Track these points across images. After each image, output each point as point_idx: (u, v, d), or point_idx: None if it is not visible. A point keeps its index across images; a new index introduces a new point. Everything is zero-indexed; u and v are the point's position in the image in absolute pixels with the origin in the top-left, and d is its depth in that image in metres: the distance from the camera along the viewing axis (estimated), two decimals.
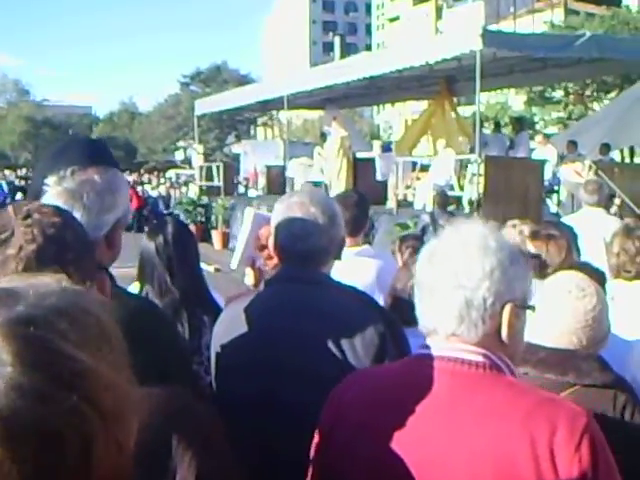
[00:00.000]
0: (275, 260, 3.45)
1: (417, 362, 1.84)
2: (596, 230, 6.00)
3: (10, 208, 1.64)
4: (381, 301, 3.78)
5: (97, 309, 1.09)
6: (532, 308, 1.87)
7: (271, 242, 2.52)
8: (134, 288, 3.40)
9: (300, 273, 2.44)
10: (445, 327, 1.77)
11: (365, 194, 13.81)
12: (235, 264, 4.67)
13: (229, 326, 2.49)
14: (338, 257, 2.54)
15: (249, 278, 4.22)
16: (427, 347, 1.84)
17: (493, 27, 44.05)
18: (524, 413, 1.66)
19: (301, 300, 2.38)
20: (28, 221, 1.58)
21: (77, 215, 2.02)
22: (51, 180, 2.06)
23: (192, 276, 3.32)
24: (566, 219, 7.12)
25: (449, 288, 1.74)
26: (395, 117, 65.73)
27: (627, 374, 2.93)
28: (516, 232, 4.97)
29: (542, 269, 4.18)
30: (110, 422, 0.99)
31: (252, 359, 2.37)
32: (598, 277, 3.34)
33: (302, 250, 2.41)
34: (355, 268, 3.78)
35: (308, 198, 2.47)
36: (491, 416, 1.68)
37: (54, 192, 2.05)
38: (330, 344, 2.28)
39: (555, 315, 2.42)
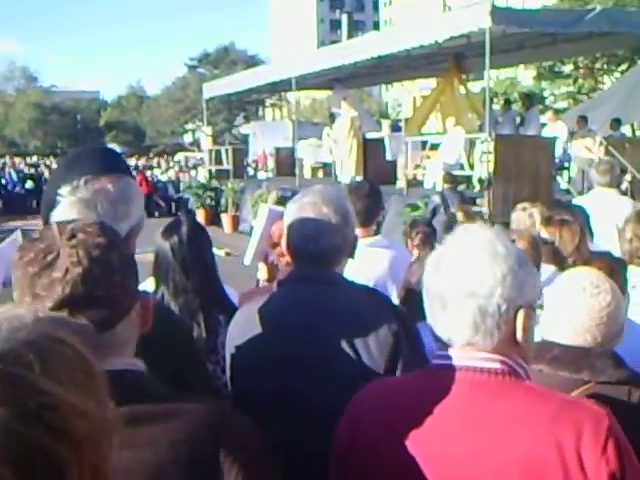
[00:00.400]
0: (288, 257, 3.46)
1: (435, 373, 1.83)
2: (608, 211, 5.98)
3: (55, 227, 1.62)
4: (394, 293, 3.80)
5: (73, 338, 1.09)
6: (541, 307, 1.87)
7: (284, 242, 2.51)
8: (150, 284, 3.41)
9: (313, 273, 2.44)
10: (460, 337, 1.76)
11: (376, 177, 13.84)
12: (249, 260, 4.67)
13: (244, 327, 2.50)
14: (351, 256, 2.54)
15: (262, 273, 4.23)
16: (442, 357, 1.83)
17: (502, 2, 43.82)
18: (548, 419, 1.67)
19: (314, 300, 2.39)
20: (73, 242, 1.57)
21: None
22: (65, 190, 2.07)
23: (207, 276, 3.31)
24: (578, 200, 7.09)
25: (461, 297, 1.74)
26: (404, 95, 65.41)
27: None
28: (526, 215, 4.97)
29: (556, 256, 4.18)
30: (85, 449, 1.01)
31: (267, 356, 2.37)
32: (619, 265, 3.33)
33: (315, 250, 2.41)
34: (368, 259, 3.76)
35: (320, 198, 2.45)
36: (515, 423, 1.69)
37: (68, 202, 2.05)
38: (344, 343, 2.29)
39: (569, 313, 2.41)
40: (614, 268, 3.22)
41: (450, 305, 1.76)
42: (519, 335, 1.76)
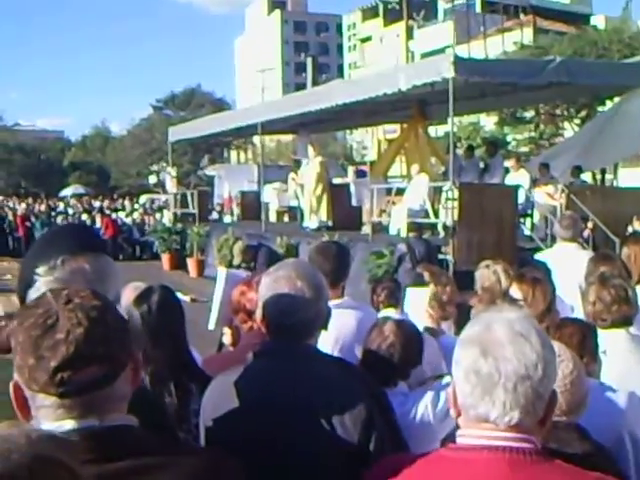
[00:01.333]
0: (250, 323, 3.50)
1: (469, 451, 1.82)
2: (570, 265, 6.10)
3: (49, 294, 1.71)
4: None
5: (67, 459, 1.15)
6: None
7: (258, 314, 2.56)
8: None
9: (288, 347, 2.49)
10: (509, 418, 1.77)
11: (342, 222, 13.90)
12: (213, 325, 4.73)
13: (218, 401, 2.53)
14: (325, 327, 2.60)
15: (227, 337, 4.29)
16: (474, 436, 1.83)
17: (464, 48, 44.57)
18: None
19: (289, 376, 2.43)
20: (70, 306, 1.66)
21: None
22: (42, 270, 2.10)
23: (177, 345, 3.32)
24: (541, 254, 7.22)
25: (516, 380, 1.76)
26: (368, 138, 66.00)
27: (624, 430, 3.01)
28: (490, 272, 5.07)
29: None
30: None
31: (244, 433, 2.40)
32: (590, 331, 3.41)
33: (290, 324, 2.47)
34: (335, 321, 3.82)
35: (295, 272, 2.52)
36: None
37: (45, 282, 2.08)
38: (319, 418, 2.33)
39: None
40: (586, 334, 3.31)
41: (502, 387, 1.77)
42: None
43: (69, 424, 1.62)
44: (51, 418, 1.62)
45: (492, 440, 1.79)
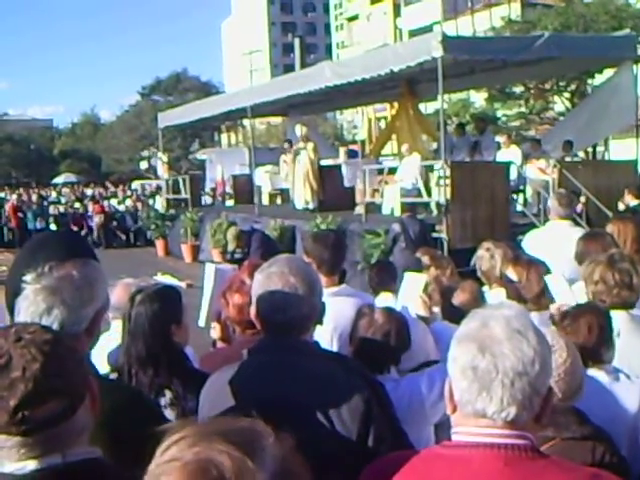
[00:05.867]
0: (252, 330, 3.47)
1: (467, 450, 1.81)
2: (564, 243, 6.07)
3: None
4: None
5: None
6: None
7: (252, 311, 2.55)
8: (117, 325, 3.41)
9: (283, 342, 2.49)
10: (505, 414, 1.77)
11: (334, 203, 13.84)
12: (203, 322, 4.71)
13: (215, 398, 2.52)
14: (320, 322, 2.59)
15: (215, 332, 4.27)
16: (471, 433, 1.81)
17: (451, 24, 44.40)
18: None
19: (285, 372, 2.42)
20: (22, 342, 1.62)
21: (57, 311, 2.06)
22: (29, 277, 2.08)
23: (164, 345, 3.21)
24: (535, 233, 7.19)
25: (513, 376, 1.75)
26: (359, 116, 65.76)
27: None
28: (489, 256, 5.06)
29: (520, 296, 4.26)
30: None
31: None
32: (606, 317, 3.38)
33: (284, 321, 2.46)
34: (333, 308, 3.81)
35: (287, 267, 2.50)
36: None
37: (32, 289, 2.07)
38: (317, 413, 2.33)
39: None
40: (603, 321, 3.27)
41: (499, 383, 1.76)
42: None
43: (32, 464, 1.59)
44: (13, 459, 1.59)
45: (488, 437, 1.78)
